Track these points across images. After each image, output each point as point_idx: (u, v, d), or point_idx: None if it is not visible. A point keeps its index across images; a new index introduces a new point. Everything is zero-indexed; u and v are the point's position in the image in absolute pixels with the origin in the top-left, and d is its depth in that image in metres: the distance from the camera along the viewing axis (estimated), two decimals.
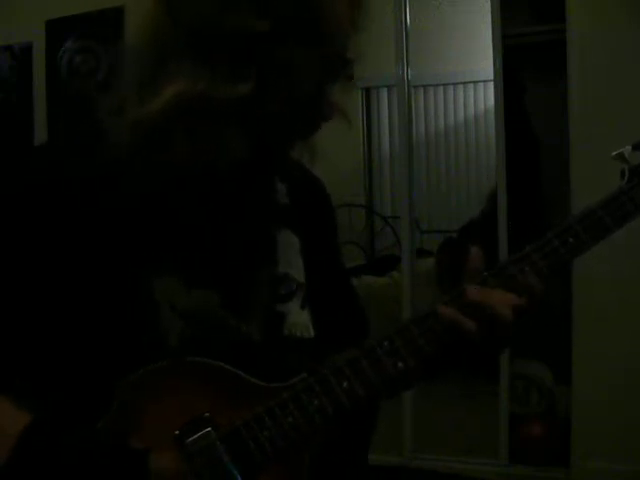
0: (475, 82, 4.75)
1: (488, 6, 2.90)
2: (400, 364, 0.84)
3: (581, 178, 2.67)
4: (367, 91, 4.90)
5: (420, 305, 3.08)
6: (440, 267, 3.98)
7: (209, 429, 0.82)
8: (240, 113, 0.83)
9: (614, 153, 0.86)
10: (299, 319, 0.94)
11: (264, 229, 0.95)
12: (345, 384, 0.83)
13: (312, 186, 1.07)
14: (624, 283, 2.61)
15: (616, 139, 0.90)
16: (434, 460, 2.97)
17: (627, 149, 0.86)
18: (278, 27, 0.80)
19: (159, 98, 0.81)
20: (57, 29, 3.38)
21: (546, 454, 2.85)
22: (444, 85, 4.88)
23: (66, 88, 3.39)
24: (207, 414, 0.82)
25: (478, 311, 0.83)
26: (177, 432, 0.81)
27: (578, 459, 2.71)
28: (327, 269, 1.03)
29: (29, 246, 0.84)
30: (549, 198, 3.84)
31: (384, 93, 4.89)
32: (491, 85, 3.31)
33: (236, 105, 0.82)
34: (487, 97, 4.65)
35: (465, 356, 0.90)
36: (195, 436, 0.81)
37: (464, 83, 4.82)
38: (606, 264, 2.31)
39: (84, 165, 0.87)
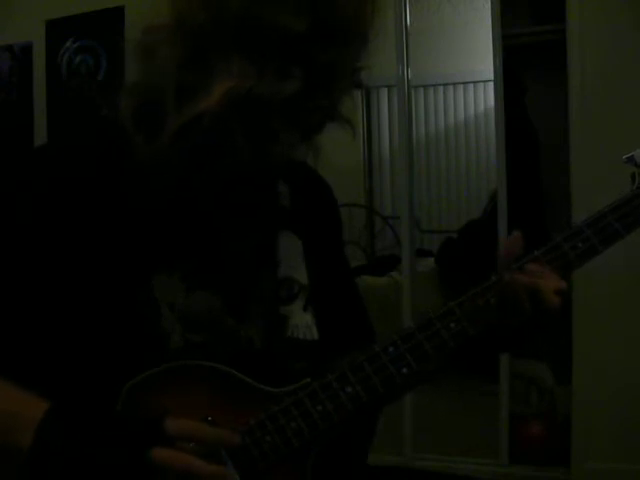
0: (475, 82, 4.75)
1: (488, 6, 2.90)
2: (405, 370, 0.84)
3: (581, 178, 2.66)
4: (367, 91, 4.90)
5: (420, 305, 3.08)
6: (440, 267, 3.99)
7: None
8: (289, 112, 0.82)
9: (625, 157, 0.84)
10: (301, 321, 0.93)
11: (265, 231, 0.94)
12: (349, 390, 0.83)
13: (316, 187, 1.06)
14: (624, 283, 2.61)
15: (616, 139, 0.89)
16: (434, 460, 2.97)
17: (638, 152, 0.84)
18: (315, 28, 0.80)
19: (211, 97, 0.80)
20: (57, 29, 3.38)
21: (546, 454, 2.85)
22: (444, 85, 4.88)
23: (66, 88, 3.39)
24: (209, 418, 0.82)
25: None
26: None
27: (578, 459, 2.71)
28: (331, 271, 1.03)
29: (31, 244, 0.84)
30: (549, 198, 3.84)
31: (384, 93, 4.90)
32: (491, 85, 3.31)
33: (285, 104, 0.80)
34: (487, 97, 4.65)
35: (467, 359, 0.90)
36: None
37: (464, 83, 4.83)
38: (606, 264, 2.31)
39: (89, 166, 0.87)
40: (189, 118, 0.81)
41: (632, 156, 0.84)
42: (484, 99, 4.76)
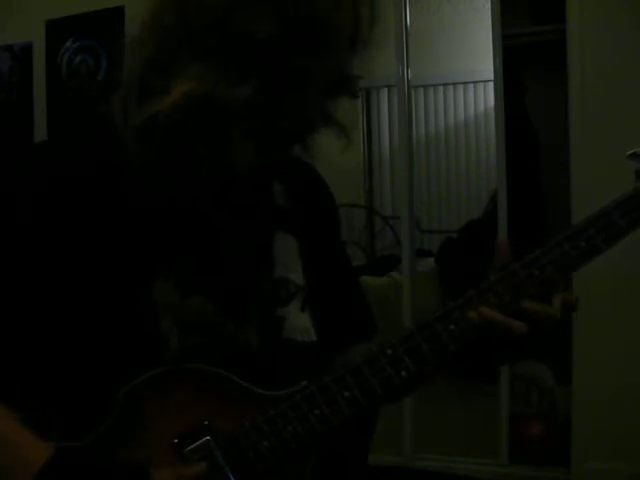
0: (475, 82, 4.75)
1: (488, 6, 2.90)
2: (403, 372, 0.83)
3: (581, 178, 2.66)
4: (367, 91, 4.90)
5: (420, 305, 3.08)
6: (441, 267, 3.98)
7: (208, 438, 0.81)
8: (245, 116, 0.82)
9: (628, 153, 0.82)
10: (298, 322, 0.93)
11: (260, 232, 0.94)
12: (347, 393, 0.82)
13: (314, 186, 1.06)
14: (624, 283, 2.61)
15: (616, 139, 0.89)
16: (434, 460, 2.97)
17: None
18: (281, 34, 0.79)
19: (168, 97, 0.81)
20: (57, 29, 3.37)
21: (546, 454, 2.84)
22: (444, 85, 4.88)
23: (66, 88, 3.39)
24: (206, 422, 0.82)
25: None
26: (175, 440, 0.81)
27: (578, 459, 2.71)
28: (329, 270, 1.02)
29: (29, 245, 0.84)
30: (549, 198, 3.83)
31: (384, 93, 4.89)
32: (491, 85, 3.31)
33: (241, 108, 0.81)
34: (487, 97, 4.65)
35: (468, 362, 0.90)
36: (194, 445, 0.81)
37: (464, 83, 4.82)
38: (606, 263, 2.30)
39: (88, 166, 0.87)
40: (146, 117, 0.82)
41: (636, 152, 0.82)
42: (484, 99, 4.75)
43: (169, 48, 0.82)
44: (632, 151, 0.82)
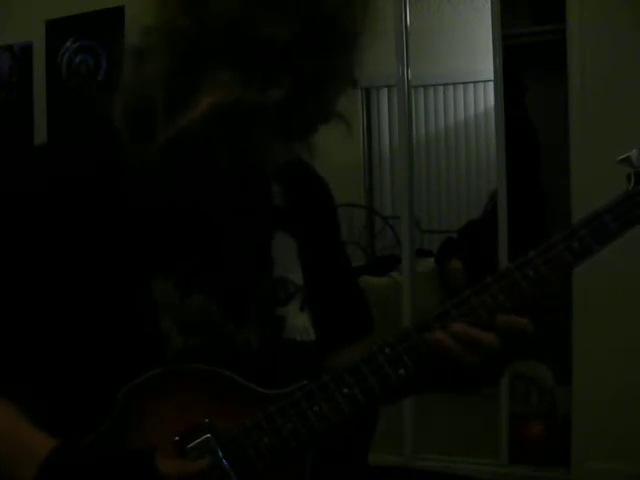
0: (475, 82, 4.75)
1: (488, 6, 2.90)
2: (402, 370, 0.83)
3: (581, 178, 2.66)
4: (367, 91, 4.90)
5: (420, 305, 3.08)
6: (441, 267, 3.98)
7: (209, 435, 0.82)
8: (276, 119, 0.82)
9: (619, 157, 0.83)
10: (298, 322, 0.93)
11: (260, 232, 0.94)
12: (346, 390, 0.83)
13: (312, 185, 1.06)
14: (624, 283, 2.61)
15: (616, 139, 0.89)
16: (434, 460, 2.97)
17: (633, 153, 0.83)
18: (302, 34, 0.80)
19: (199, 108, 0.81)
20: (57, 29, 3.38)
21: (546, 454, 2.85)
22: (444, 85, 4.88)
23: (66, 88, 3.39)
24: (207, 420, 0.82)
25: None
26: (177, 438, 0.81)
27: (578, 459, 2.71)
28: (328, 270, 1.02)
29: (29, 245, 0.84)
30: (549, 198, 3.84)
31: (384, 93, 4.89)
32: (491, 85, 3.31)
33: (272, 111, 0.81)
34: (487, 97, 4.65)
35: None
36: (195, 442, 0.81)
37: (464, 83, 4.82)
38: (606, 264, 2.31)
39: (88, 166, 0.87)
40: (177, 130, 0.82)
41: (628, 157, 0.83)
42: (484, 99, 4.76)
43: (188, 54, 0.82)
44: (623, 156, 0.83)
